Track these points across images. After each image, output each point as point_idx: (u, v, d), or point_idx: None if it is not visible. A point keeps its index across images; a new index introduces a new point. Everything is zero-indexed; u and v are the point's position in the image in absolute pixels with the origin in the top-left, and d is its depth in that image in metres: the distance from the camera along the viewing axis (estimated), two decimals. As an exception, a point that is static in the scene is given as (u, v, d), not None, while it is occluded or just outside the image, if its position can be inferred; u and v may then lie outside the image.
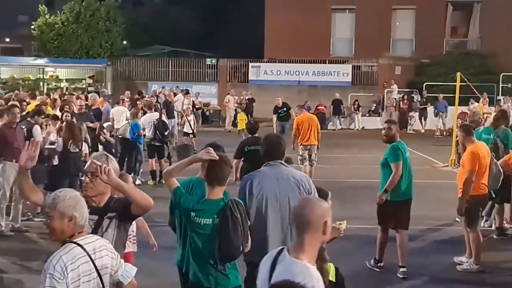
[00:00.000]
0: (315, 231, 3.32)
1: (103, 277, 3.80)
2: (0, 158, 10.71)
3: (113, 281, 3.91)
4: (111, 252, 3.93)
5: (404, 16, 36.72)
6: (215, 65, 36.10)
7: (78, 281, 3.69)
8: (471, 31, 36.93)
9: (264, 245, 5.34)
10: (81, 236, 3.84)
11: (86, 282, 3.72)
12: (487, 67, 31.95)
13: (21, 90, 27.11)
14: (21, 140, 10.74)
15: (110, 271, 3.88)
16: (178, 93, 28.33)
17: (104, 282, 3.81)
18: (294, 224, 3.43)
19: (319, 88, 32.26)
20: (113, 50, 36.23)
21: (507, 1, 33.77)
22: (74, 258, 3.72)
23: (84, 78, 34.45)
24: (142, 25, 42.91)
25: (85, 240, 3.84)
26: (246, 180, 5.67)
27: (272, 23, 36.24)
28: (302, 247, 3.35)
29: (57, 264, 3.68)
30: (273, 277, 3.34)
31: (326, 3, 35.66)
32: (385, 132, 9.07)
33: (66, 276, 3.65)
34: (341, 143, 23.09)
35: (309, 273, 3.27)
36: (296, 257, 3.33)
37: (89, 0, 36.13)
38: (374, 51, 34.70)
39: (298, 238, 3.40)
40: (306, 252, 3.35)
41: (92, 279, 3.75)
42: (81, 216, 3.82)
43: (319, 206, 3.41)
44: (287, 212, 5.38)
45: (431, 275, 8.76)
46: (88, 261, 3.75)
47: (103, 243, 3.95)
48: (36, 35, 37.13)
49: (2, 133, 10.85)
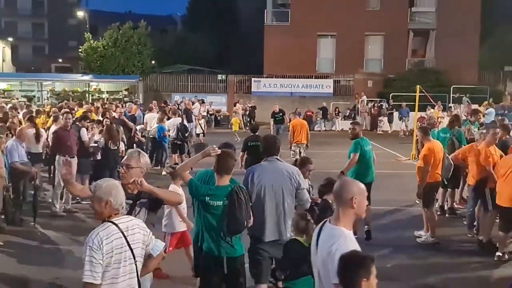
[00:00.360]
0: (345, 205, 3.43)
1: (134, 250, 3.81)
2: (56, 153, 10.73)
3: (146, 253, 3.93)
4: (143, 230, 3.93)
5: (374, 40, 36.65)
6: (225, 80, 36.07)
7: (111, 252, 3.72)
8: (427, 53, 36.94)
9: (262, 224, 5.41)
10: (117, 216, 3.87)
11: (118, 254, 3.73)
12: (440, 81, 31.90)
13: (71, 100, 27.17)
14: (74, 140, 10.89)
15: (141, 245, 3.88)
16: (195, 102, 28.27)
17: (135, 254, 3.82)
18: (335, 200, 3.55)
19: (307, 98, 32.21)
20: (143, 69, 36.22)
21: (455, 30, 33.71)
22: (109, 234, 3.76)
23: (120, 90, 34.39)
24: (167, 49, 42.86)
25: (120, 220, 3.87)
26: (249, 172, 5.67)
27: (270, 46, 36.25)
28: (338, 217, 3.47)
29: (95, 238, 3.73)
30: (319, 240, 3.50)
31: (312, 31, 35.58)
32: (350, 131, 9.66)
33: (101, 248, 3.70)
34: (325, 141, 23.08)
35: (343, 235, 3.38)
36: (335, 225, 3.45)
37: (125, 29, 36.13)
38: (350, 68, 34.72)
39: (336, 210, 3.51)
40: (341, 221, 3.45)
41: (124, 251, 3.77)
42: (116, 200, 3.85)
43: (348, 186, 3.51)
44: (281, 200, 5.43)
45: (396, 246, 8.81)
46: (121, 237, 3.78)
47: (136, 222, 3.96)
48: (82, 56, 37.17)
49: (59, 134, 10.89)
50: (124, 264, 3.79)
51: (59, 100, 28.37)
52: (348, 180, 3.73)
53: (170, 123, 15.59)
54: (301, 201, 5.52)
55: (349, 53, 35.34)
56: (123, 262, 3.78)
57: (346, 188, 3.50)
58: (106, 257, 3.73)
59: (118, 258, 3.77)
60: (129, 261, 3.81)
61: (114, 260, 3.75)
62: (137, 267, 3.87)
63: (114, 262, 3.76)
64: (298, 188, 5.51)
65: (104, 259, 3.72)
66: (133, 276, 3.86)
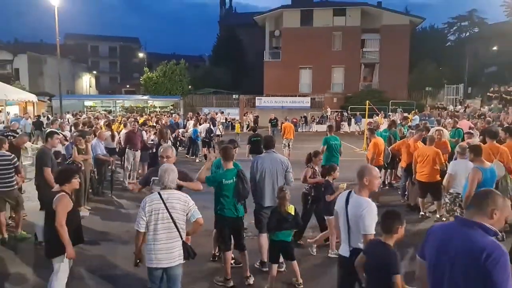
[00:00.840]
0: (361, 182, 3.53)
1: (172, 214, 3.76)
2: (126, 147, 10.87)
3: (186, 218, 3.85)
4: (183, 202, 3.82)
5: (338, 70, 36.38)
6: (237, 98, 35.88)
7: (151, 212, 3.74)
8: (374, 78, 36.75)
9: (263, 194, 5.47)
10: (165, 190, 3.85)
11: (155, 214, 3.73)
12: (382, 97, 31.69)
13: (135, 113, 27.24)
14: (138, 139, 11.08)
15: (180, 212, 3.79)
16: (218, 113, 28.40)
17: (173, 217, 3.76)
18: (357, 178, 3.59)
19: (293, 110, 32.00)
20: (183, 91, 36.17)
21: (392, 63, 33.69)
22: (152, 200, 3.78)
23: (168, 106, 34.47)
24: (199, 78, 42.86)
25: (164, 191, 3.84)
26: (254, 160, 5.71)
27: (268, 75, 36.20)
28: (360, 190, 3.53)
29: (143, 202, 3.81)
30: (349, 205, 3.53)
31: (296, 65, 35.47)
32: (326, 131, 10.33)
33: (145, 208, 3.75)
34: (305, 139, 22.98)
35: (367, 201, 3.47)
36: (359, 195, 3.52)
37: (171, 65, 36.05)
38: (322, 90, 34.59)
39: (358, 185, 3.57)
40: (363, 192, 3.52)
41: (162, 213, 3.74)
42: (163, 179, 3.87)
43: (362, 169, 3.60)
44: (276, 178, 5.49)
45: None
46: (160, 203, 3.75)
47: (178, 195, 3.86)
48: (142, 83, 37.14)
49: (128, 135, 11.05)
50: (162, 222, 3.74)
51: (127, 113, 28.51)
52: (364, 166, 3.75)
53: (202, 127, 15.61)
54: (288, 180, 5.57)
55: (320, 79, 35.33)
56: (161, 220, 3.74)
57: (361, 171, 3.57)
58: (148, 215, 3.75)
59: (156, 217, 3.75)
60: (167, 220, 3.75)
61: (153, 218, 3.75)
62: (176, 226, 3.77)
63: (153, 220, 3.75)
64: (286, 171, 5.55)
65: (146, 216, 3.75)
66: (172, 231, 3.77)
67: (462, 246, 2.24)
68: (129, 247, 6.28)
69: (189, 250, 3.87)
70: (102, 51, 65.47)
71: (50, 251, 4.27)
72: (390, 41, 34.17)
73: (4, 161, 6.44)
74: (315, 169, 6.51)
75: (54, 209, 4.10)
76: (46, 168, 6.43)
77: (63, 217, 4.08)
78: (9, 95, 17.51)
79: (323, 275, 5.49)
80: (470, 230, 2.27)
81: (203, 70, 49.32)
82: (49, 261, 4.34)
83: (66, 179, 4.34)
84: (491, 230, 2.26)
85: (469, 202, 2.47)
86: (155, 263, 3.75)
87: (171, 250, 3.77)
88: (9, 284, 5.17)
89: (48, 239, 4.31)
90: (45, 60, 43.81)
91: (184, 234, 3.85)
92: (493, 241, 2.21)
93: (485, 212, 2.29)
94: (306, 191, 6.56)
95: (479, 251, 2.15)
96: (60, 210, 4.09)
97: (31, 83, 39.76)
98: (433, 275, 2.39)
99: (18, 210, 6.75)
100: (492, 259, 2.10)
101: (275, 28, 37.23)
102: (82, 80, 53.00)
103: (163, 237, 3.75)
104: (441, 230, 2.46)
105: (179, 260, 3.82)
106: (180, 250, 3.81)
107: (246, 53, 48.26)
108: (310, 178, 6.39)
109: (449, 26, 48.29)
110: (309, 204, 6.46)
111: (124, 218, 7.98)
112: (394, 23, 34.33)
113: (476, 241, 2.21)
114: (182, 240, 3.82)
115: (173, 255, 3.78)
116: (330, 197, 5.86)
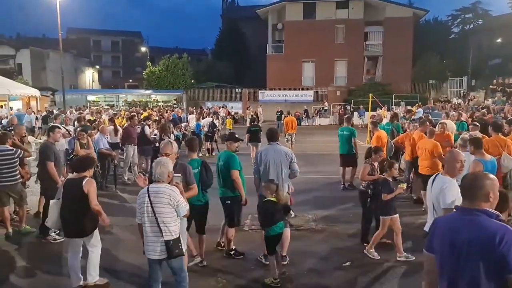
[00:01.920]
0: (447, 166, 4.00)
1: (155, 208, 3.78)
2: (125, 143, 10.79)
3: (174, 212, 3.84)
4: (166, 194, 3.80)
5: (341, 64, 36.16)
6: (240, 92, 35.88)
7: (140, 204, 3.88)
8: (377, 71, 36.54)
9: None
10: (154, 183, 3.93)
11: (142, 207, 3.85)
12: (385, 90, 31.58)
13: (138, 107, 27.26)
14: (135, 134, 10.98)
15: (165, 205, 3.78)
16: (221, 107, 28.38)
17: (156, 211, 3.77)
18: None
19: (296, 103, 31.89)
20: (186, 85, 36.09)
21: (395, 56, 33.44)
22: (141, 193, 3.91)
23: (171, 100, 34.49)
24: (202, 71, 42.69)
25: (153, 185, 3.91)
26: (259, 152, 5.77)
27: (271, 69, 35.97)
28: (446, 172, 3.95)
29: (138, 195, 3.93)
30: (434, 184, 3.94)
31: (299, 58, 35.24)
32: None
33: (137, 201, 3.94)
34: (308, 132, 23.02)
35: (450, 180, 3.83)
36: (444, 176, 3.92)
37: (173, 59, 35.99)
38: (325, 83, 34.45)
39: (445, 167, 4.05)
40: (447, 173, 3.92)
41: (146, 206, 3.81)
42: (153, 172, 3.94)
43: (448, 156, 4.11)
44: (280, 170, 5.52)
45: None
46: (145, 196, 3.84)
47: (162, 189, 3.84)
48: (145, 78, 37.10)
49: (127, 130, 10.97)
50: (147, 215, 3.82)
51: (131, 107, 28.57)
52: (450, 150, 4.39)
53: (204, 122, 15.58)
54: (293, 170, 5.55)
55: (323, 72, 35.12)
56: (146, 214, 3.83)
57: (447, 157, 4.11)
58: (139, 207, 3.91)
59: (142, 210, 3.86)
60: (151, 214, 3.80)
61: (141, 211, 3.87)
62: (157, 221, 3.78)
63: (141, 212, 3.87)
64: (291, 162, 5.54)
65: (139, 208, 3.92)
66: (154, 225, 3.80)
67: (472, 235, 2.23)
68: (132, 241, 6.32)
69: (171, 248, 3.79)
70: (104, 46, 65.40)
71: (83, 230, 4.68)
72: (393, 34, 33.91)
73: (7, 155, 6.45)
74: (373, 165, 6.06)
75: (86, 192, 4.58)
76: (49, 162, 6.47)
77: (96, 197, 4.67)
78: (12, 90, 17.54)
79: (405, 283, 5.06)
80: (474, 218, 2.27)
81: (206, 63, 49.18)
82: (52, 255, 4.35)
83: (88, 166, 4.87)
84: (494, 214, 2.28)
85: (462, 199, 2.47)
86: (149, 254, 3.90)
87: (156, 244, 3.83)
88: (14, 278, 5.20)
89: (76, 221, 4.64)
90: (48, 55, 43.84)
91: (170, 229, 3.80)
92: (502, 224, 2.22)
93: (480, 198, 2.31)
94: (363, 188, 6.15)
95: (491, 236, 2.15)
96: (93, 192, 4.64)
97: (34, 78, 39.82)
98: (445, 268, 2.37)
99: (22, 204, 6.78)
100: (505, 242, 2.11)
101: (277, 21, 37.02)
102: (85, 74, 53.04)
103: (149, 230, 3.85)
104: (446, 223, 2.45)
105: (164, 255, 3.83)
106: (162, 246, 3.81)
107: (249, 46, 48.03)
108: (369, 175, 6.00)
109: (453, 18, 47.92)
110: (368, 203, 6.08)
111: (127, 212, 7.97)
112: (398, 16, 34.04)
113: (484, 228, 2.21)
114: (164, 239, 3.79)
115: (158, 249, 3.82)
116: (387, 196, 5.45)
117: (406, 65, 34.38)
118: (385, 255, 5.69)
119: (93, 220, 4.73)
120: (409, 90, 33.59)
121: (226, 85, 38.53)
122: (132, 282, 5.07)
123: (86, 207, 4.57)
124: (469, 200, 2.35)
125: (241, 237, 6.23)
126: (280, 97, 32.97)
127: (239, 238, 6.02)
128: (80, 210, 4.59)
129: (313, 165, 12.56)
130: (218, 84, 38.75)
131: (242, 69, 44.62)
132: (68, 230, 4.75)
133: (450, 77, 33.39)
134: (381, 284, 4.94)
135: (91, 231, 4.74)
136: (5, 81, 18.09)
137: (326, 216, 7.69)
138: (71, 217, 4.64)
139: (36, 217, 7.40)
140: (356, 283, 5.00)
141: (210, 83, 39.29)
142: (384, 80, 34.22)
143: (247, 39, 48.13)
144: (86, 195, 4.58)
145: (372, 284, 4.97)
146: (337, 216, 7.71)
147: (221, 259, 5.64)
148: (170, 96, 34.82)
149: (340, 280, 5.07)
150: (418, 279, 3.63)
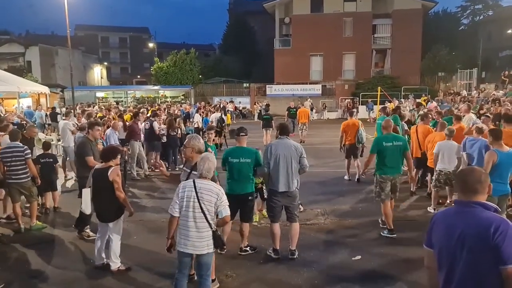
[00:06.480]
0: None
1: (202, 204, 3.73)
2: (130, 139, 10.77)
3: (216, 211, 3.80)
4: (214, 193, 3.77)
5: (349, 57, 35.84)
6: (248, 87, 35.80)
7: (184, 198, 3.78)
8: (385, 64, 36.10)
9: (277, 180, 5.40)
10: (200, 180, 3.84)
11: (187, 201, 3.76)
12: (394, 84, 31.34)
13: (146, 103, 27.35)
14: (140, 130, 11.01)
15: (210, 203, 3.74)
16: (229, 102, 28.38)
17: (202, 205, 3.73)
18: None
19: (304, 97, 31.80)
20: (194, 80, 36.12)
21: (404, 48, 32.96)
22: (185, 187, 3.82)
23: (179, 96, 34.50)
24: (209, 66, 42.62)
25: (199, 180, 3.84)
26: (268, 146, 5.64)
27: (278, 63, 35.75)
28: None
29: (178, 187, 3.90)
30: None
31: (306, 52, 34.97)
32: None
33: (178, 194, 3.84)
34: (317, 126, 22.95)
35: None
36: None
37: (181, 54, 36.04)
38: (333, 77, 34.22)
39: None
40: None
41: (192, 201, 3.74)
42: (199, 167, 3.90)
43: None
44: (290, 164, 5.40)
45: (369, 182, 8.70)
46: (193, 191, 3.76)
47: (211, 187, 3.81)
48: (153, 73, 37.20)
49: (132, 126, 10.97)
50: (193, 210, 3.75)
51: (140, 103, 28.68)
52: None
53: (213, 117, 15.61)
54: (303, 165, 5.48)
55: (331, 66, 34.84)
56: (192, 209, 3.75)
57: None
58: (180, 201, 3.81)
59: (187, 204, 3.77)
60: (197, 210, 3.74)
61: (185, 205, 3.78)
62: (206, 217, 3.75)
63: (185, 206, 3.78)
64: (301, 156, 5.47)
65: (179, 201, 3.81)
66: (202, 221, 3.76)
67: (468, 227, 2.27)
68: (142, 237, 6.34)
69: (218, 239, 3.84)
70: (112, 42, 65.68)
71: (108, 216, 5.10)
72: (402, 26, 33.45)
73: (17, 152, 6.51)
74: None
75: (112, 180, 4.95)
76: (88, 157, 6.38)
77: (121, 185, 5.03)
78: (22, 88, 17.72)
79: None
80: (470, 210, 2.32)
81: (213, 59, 49.09)
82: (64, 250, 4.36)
83: (113, 156, 5.17)
84: (492, 207, 2.32)
85: (458, 193, 2.49)
86: (183, 248, 3.81)
87: (199, 240, 3.77)
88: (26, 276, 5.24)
89: (104, 207, 5.10)
90: (57, 52, 44.09)
91: (213, 224, 3.81)
92: (496, 215, 2.26)
93: (476, 191, 2.36)
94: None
95: (486, 227, 2.19)
96: (118, 180, 5.01)
97: (43, 75, 40.13)
98: (444, 262, 2.40)
99: (32, 201, 6.84)
100: (499, 232, 2.14)
101: (285, 15, 36.75)
102: (93, 71, 53.32)
103: (192, 225, 3.75)
104: (444, 217, 2.48)
105: (208, 249, 3.82)
106: (208, 240, 3.80)
107: (256, 41, 47.84)
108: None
109: (462, 10, 47.24)
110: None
111: (137, 207, 7.98)
112: (406, 8, 33.56)
113: (480, 219, 2.25)
114: (212, 230, 3.80)
115: (202, 244, 3.78)
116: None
117: (415, 58, 33.96)
118: (395, 251, 5.65)
119: (118, 208, 5.12)
120: (418, 83, 33.22)
121: (234, 80, 38.45)
122: (143, 277, 5.07)
123: (112, 194, 4.98)
124: (465, 193, 2.40)
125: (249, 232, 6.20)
126: (288, 91, 32.81)
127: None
128: (106, 197, 5.01)
129: (322, 159, 12.53)
130: (225, 79, 38.71)
131: (249, 63, 44.46)
132: (98, 214, 5.22)
133: (459, 69, 32.96)
134: (392, 277, 4.90)
135: (115, 217, 5.12)
136: (15, 78, 18.24)
137: (334, 209, 7.65)
138: (99, 204, 5.13)
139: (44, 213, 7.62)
140: (368, 277, 4.96)
141: (217, 78, 39.25)
142: (392, 73, 33.90)
143: (254, 34, 47.95)
144: (111, 183, 4.97)
145: (384, 278, 4.92)
146: (346, 210, 7.66)
147: (230, 254, 5.61)
148: (178, 92, 34.85)
149: (351, 274, 5.03)
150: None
